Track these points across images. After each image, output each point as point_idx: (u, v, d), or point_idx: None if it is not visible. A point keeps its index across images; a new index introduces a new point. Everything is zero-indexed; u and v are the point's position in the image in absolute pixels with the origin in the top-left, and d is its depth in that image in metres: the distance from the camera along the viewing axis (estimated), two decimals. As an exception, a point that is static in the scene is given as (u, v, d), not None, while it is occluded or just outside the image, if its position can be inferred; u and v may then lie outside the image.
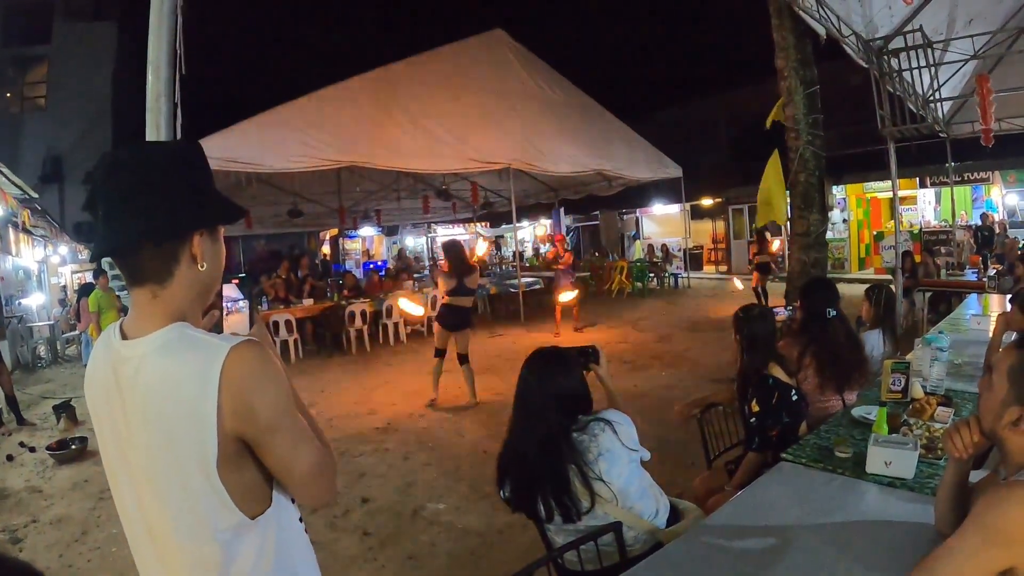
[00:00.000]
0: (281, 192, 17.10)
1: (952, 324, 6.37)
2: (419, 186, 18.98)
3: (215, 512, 1.33)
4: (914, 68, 8.11)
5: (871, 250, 21.03)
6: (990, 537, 1.60)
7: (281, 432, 1.35)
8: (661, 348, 10.94)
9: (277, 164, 11.00)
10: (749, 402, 3.52)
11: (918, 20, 7.68)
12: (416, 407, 8.12)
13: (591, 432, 2.53)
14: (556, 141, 14.77)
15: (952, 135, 11.88)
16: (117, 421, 1.38)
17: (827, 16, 6.86)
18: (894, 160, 9.31)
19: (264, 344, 1.44)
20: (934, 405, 3.37)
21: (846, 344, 4.08)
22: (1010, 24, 9.17)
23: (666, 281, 21.59)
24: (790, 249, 10.50)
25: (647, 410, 7.08)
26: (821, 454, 2.96)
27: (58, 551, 4.85)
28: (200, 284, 1.43)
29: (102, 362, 1.43)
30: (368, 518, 5.09)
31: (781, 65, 10.01)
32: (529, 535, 2.98)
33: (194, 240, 1.38)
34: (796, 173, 9.94)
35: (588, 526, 2.54)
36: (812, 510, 2.48)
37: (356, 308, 12.49)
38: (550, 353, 2.76)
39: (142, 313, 1.38)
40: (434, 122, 12.87)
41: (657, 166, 17.48)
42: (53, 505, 5.76)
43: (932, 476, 2.59)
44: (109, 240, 1.35)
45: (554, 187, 19.58)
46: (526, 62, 15.44)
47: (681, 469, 5.23)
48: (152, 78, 2.18)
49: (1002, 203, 18.95)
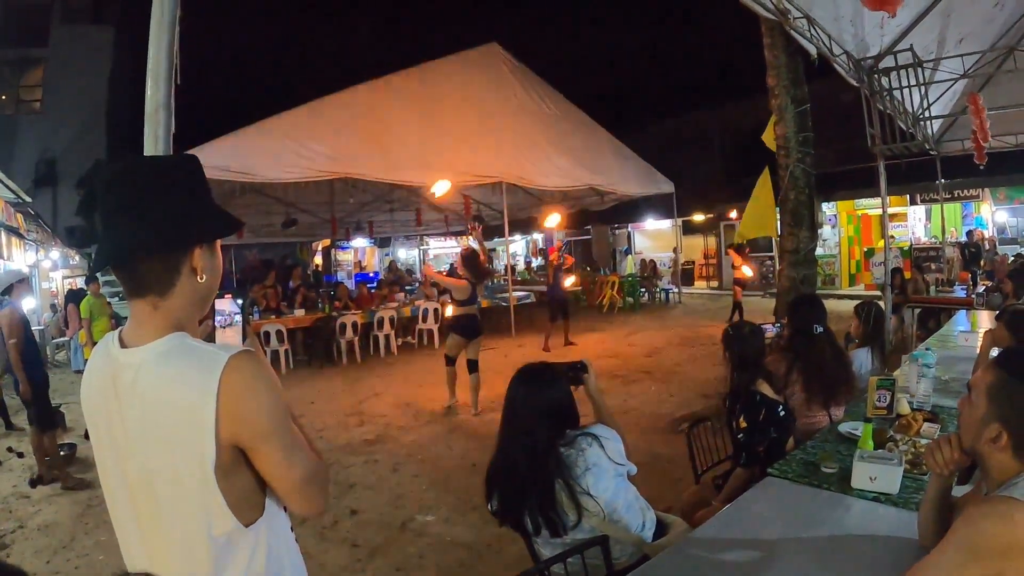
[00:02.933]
0: (274, 202, 17.07)
1: (941, 340, 6.41)
2: (412, 198, 18.98)
3: (210, 518, 1.35)
4: (904, 87, 8.18)
5: (862, 266, 21.10)
6: (970, 552, 1.62)
7: (276, 441, 1.37)
8: (651, 363, 10.96)
9: (270, 174, 11.01)
10: (737, 418, 3.55)
11: (909, 39, 7.73)
12: (406, 419, 8.12)
13: (578, 446, 2.55)
14: (549, 155, 14.81)
15: (942, 153, 12.00)
16: (114, 427, 1.40)
17: (818, 35, 6.91)
18: (884, 177, 9.37)
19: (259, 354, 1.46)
20: (920, 421, 3.41)
21: (832, 360, 4.11)
22: (1000, 43, 9.26)
23: (657, 296, 21.64)
24: (780, 265, 10.55)
25: (637, 425, 7.11)
26: (807, 469, 2.98)
27: (45, 557, 4.83)
28: (199, 295, 1.46)
29: (100, 370, 1.45)
30: (357, 529, 5.08)
31: (772, 83, 10.10)
32: (518, 548, 2.99)
33: (195, 253, 1.42)
34: (786, 191, 10.02)
35: (575, 539, 2.56)
36: (798, 525, 2.50)
37: (347, 319, 12.46)
38: (538, 368, 2.78)
39: (142, 323, 1.41)
40: (428, 134, 12.89)
41: (649, 181, 17.53)
42: (40, 511, 5.73)
43: (917, 491, 2.61)
44: (111, 252, 1.38)
45: (546, 200, 19.62)
46: (520, 76, 15.51)
47: (669, 484, 5.24)
48: (151, 90, 2.19)
49: (992, 220, 19.04)
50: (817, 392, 4.00)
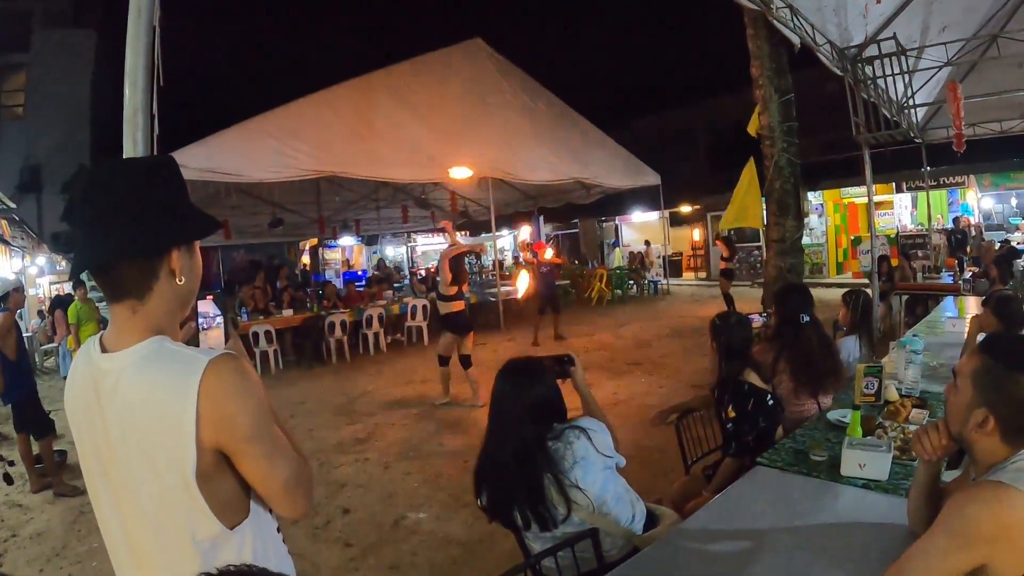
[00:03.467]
0: (260, 202, 16.99)
1: (929, 326, 6.45)
2: (398, 195, 18.97)
3: (194, 522, 1.34)
4: (888, 75, 8.18)
5: (849, 255, 21.21)
6: (958, 537, 1.63)
7: (259, 443, 1.36)
8: (640, 355, 10.97)
9: (256, 174, 10.96)
10: (726, 408, 3.55)
11: (892, 28, 7.73)
12: (396, 417, 8.10)
13: (566, 440, 2.55)
14: (534, 150, 14.78)
15: (927, 140, 12.02)
16: (97, 433, 1.39)
17: (801, 25, 6.90)
18: (869, 166, 9.40)
19: (241, 357, 1.45)
20: (909, 407, 3.42)
21: (819, 349, 4.11)
22: (983, 31, 9.27)
23: (646, 288, 21.67)
24: (766, 255, 10.57)
25: (626, 417, 7.13)
26: (796, 458, 2.99)
27: (38, 566, 4.81)
28: (178, 298, 1.45)
29: (82, 375, 1.44)
30: (349, 528, 5.08)
31: (756, 74, 10.10)
32: (511, 543, 2.99)
33: (172, 255, 1.41)
34: (772, 180, 10.03)
35: (565, 533, 2.56)
36: (788, 513, 2.51)
37: (336, 318, 12.44)
38: (523, 363, 2.78)
39: (122, 327, 1.39)
40: (413, 131, 12.85)
41: (635, 174, 17.52)
42: (33, 520, 5.71)
43: (906, 478, 2.61)
44: (88, 257, 1.37)
45: (533, 195, 19.59)
46: (504, 71, 15.48)
47: (659, 475, 5.26)
48: (129, 92, 2.16)
49: (977, 207, 19.14)
50: (805, 381, 4.01)
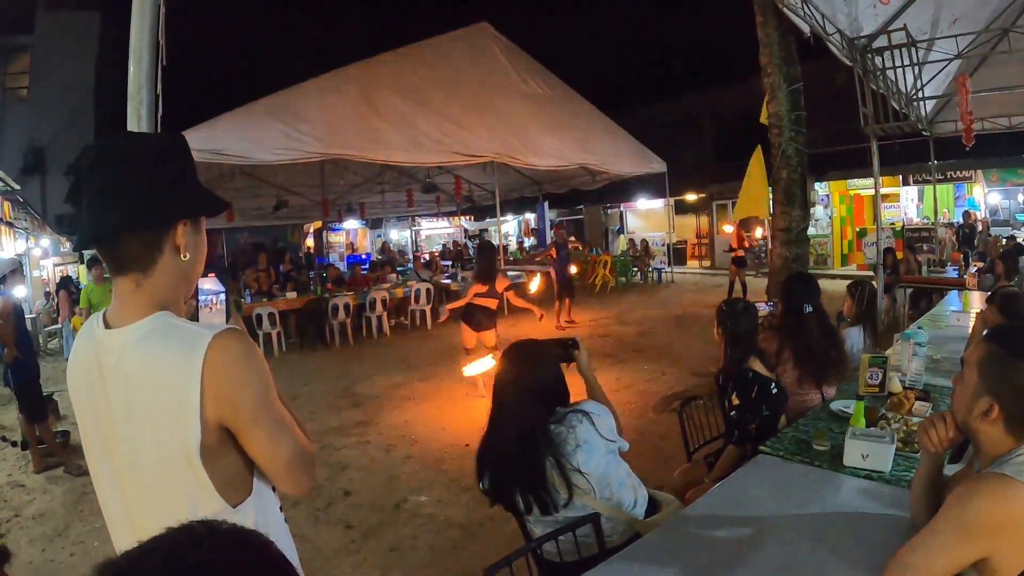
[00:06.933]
0: (265, 184, 16.93)
1: (933, 320, 6.43)
2: (403, 179, 18.91)
3: (196, 500, 1.33)
4: (898, 67, 8.14)
5: (854, 246, 21.15)
6: (962, 529, 1.63)
7: (262, 420, 1.36)
8: (644, 342, 10.98)
9: (260, 156, 10.92)
10: (729, 396, 3.55)
11: (903, 19, 7.68)
12: (398, 400, 8.12)
13: (569, 423, 2.54)
14: (540, 135, 14.70)
15: (935, 134, 11.94)
16: (100, 410, 1.39)
17: (811, 14, 6.88)
18: (876, 158, 9.35)
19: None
20: (912, 399, 3.41)
21: (822, 339, 4.10)
22: (994, 25, 9.21)
23: (649, 276, 21.65)
24: (772, 244, 10.54)
25: (629, 403, 7.13)
26: (799, 447, 2.99)
27: (41, 545, 4.84)
28: (182, 273, 1.44)
29: (85, 352, 1.43)
30: (351, 511, 5.10)
31: (765, 62, 10.01)
32: (511, 527, 3.00)
33: (178, 230, 1.40)
34: (778, 170, 9.95)
35: (567, 517, 2.55)
36: (789, 502, 2.51)
37: (339, 301, 12.45)
38: (527, 346, 2.77)
39: (125, 302, 1.39)
40: (418, 115, 12.79)
41: (641, 161, 17.44)
42: (35, 500, 5.73)
43: (909, 469, 2.62)
44: (93, 229, 1.36)
45: (538, 181, 19.53)
46: (511, 55, 15.38)
47: (661, 462, 5.26)
48: (134, 68, 2.16)
49: (984, 201, 19.09)
50: (809, 370, 4.01)
